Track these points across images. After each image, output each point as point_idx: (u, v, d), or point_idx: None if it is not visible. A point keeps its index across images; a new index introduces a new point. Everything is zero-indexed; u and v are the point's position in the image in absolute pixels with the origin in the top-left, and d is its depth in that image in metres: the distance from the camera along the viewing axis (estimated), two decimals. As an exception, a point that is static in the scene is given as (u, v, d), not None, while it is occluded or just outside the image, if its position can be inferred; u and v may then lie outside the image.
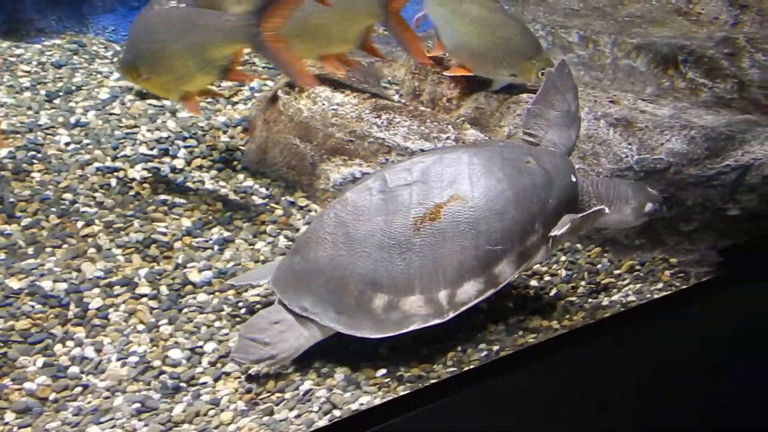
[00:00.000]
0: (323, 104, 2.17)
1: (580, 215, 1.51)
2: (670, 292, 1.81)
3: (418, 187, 1.46)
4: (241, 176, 2.17)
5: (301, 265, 1.49)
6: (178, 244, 1.84)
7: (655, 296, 1.79)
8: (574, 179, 1.58)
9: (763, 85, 1.92)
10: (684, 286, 1.83)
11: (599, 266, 1.88)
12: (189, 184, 2.09)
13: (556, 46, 2.37)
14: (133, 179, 2.05)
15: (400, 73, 2.53)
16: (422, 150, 1.99)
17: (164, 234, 1.85)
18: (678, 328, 1.69)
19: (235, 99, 2.52)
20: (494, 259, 1.45)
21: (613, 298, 1.78)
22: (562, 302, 1.74)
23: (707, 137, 1.75)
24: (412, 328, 1.43)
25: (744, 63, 1.99)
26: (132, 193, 2.00)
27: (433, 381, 1.51)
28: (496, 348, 1.60)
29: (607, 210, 1.55)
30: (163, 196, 2.00)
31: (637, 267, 1.87)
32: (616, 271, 1.87)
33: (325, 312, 1.43)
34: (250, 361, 1.44)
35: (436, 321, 1.44)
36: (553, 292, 1.78)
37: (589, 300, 1.77)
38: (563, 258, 1.89)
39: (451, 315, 1.44)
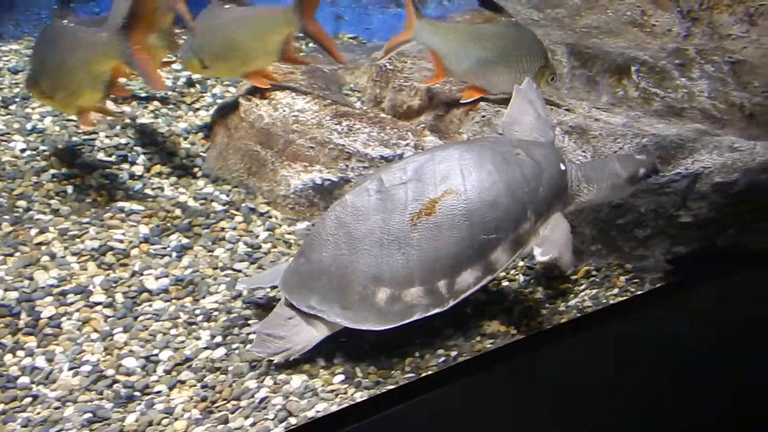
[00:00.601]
0: (284, 111, 2.17)
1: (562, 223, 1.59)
2: (625, 298, 1.85)
3: (413, 184, 1.52)
4: (201, 183, 2.15)
5: (306, 266, 1.56)
6: (135, 251, 1.82)
7: (611, 302, 1.82)
8: (563, 167, 1.64)
9: (712, 95, 1.98)
10: (639, 291, 1.87)
11: (556, 271, 1.91)
12: (148, 190, 2.06)
13: (517, 55, 2.40)
14: (90, 186, 2.02)
15: (362, 80, 2.54)
16: (382, 156, 2.00)
17: (121, 241, 1.83)
18: (633, 333, 1.73)
19: (196, 105, 2.50)
20: (489, 248, 1.52)
21: (570, 303, 1.81)
22: (519, 308, 1.77)
23: (658, 145, 1.80)
24: (414, 317, 1.50)
25: (694, 74, 2.05)
26: (89, 200, 1.97)
27: (390, 387, 1.52)
28: (453, 353, 1.62)
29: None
30: (120, 203, 1.98)
31: (593, 273, 1.90)
32: (573, 277, 1.90)
33: (331, 309, 1.50)
34: (268, 353, 1.51)
35: (437, 310, 1.51)
36: (511, 297, 1.80)
37: (547, 305, 1.79)
38: (521, 263, 1.91)
39: (452, 303, 1.51)
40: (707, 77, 2.01)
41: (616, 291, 1.86)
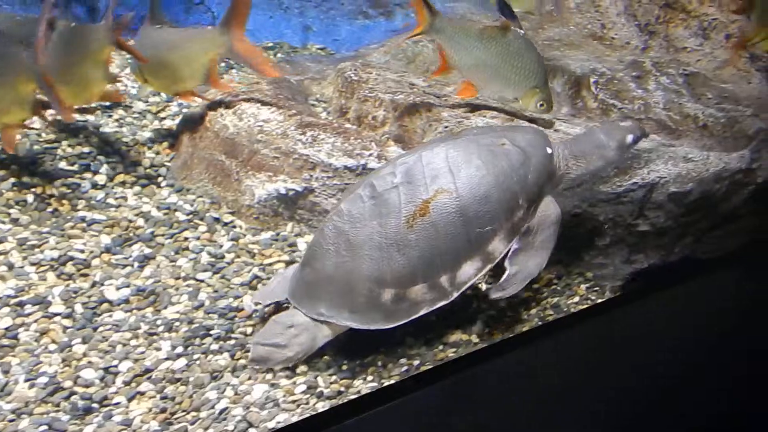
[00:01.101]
0: (249, 121, 2.17)
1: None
2: (586, 306, 1.88)
3: (404, 187, 1.57)
4: (165, 192, 2.14)
5: (312, 275, 1.60)
6: (96, 261, 1.80)
7: (572, 310, 1.85)
8: (549, 150, 1.68)
9: (667, 106, 2.03)
10: (599, 299, 1.90)
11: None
12: (110, 200, 2.04)
13: (480, 67, 2.44)
14: (52, 195, 1.99)
15: (329, 90, 2.55)
16: (346, 166, 2.01)
17: (82, 251, 1.81)
18: (594, 341, 1.76)
19: (162, 114, 2.49)
20: (486, 239, 1.58)
21: (532, 312, 1.83)
22: (482, 316, 1.78)
23: (616, 156, 1.83)
24: (421, 312, 1.56)
25: (650, 85, 2.10)
26: (49, 209, 1.95)
27: (352, 396, 1.52)
28: (416, 363, 1.63)
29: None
30: (82, 213, 1.96)
31: (555, 281, 1.93)
32: (535, 285, 1.92)
33: (339, 313, 1.55)
34: (269, 365, 1.54)
35: (443, 302, 1.57)
36: (474, 306, 1.82)
37: (509, 314, 1.82)
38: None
39: (455, 295, 1.58)
40: (662, 89, 2.06)
41: (577, 299, 1.89)
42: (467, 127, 2.01)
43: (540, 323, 1.78)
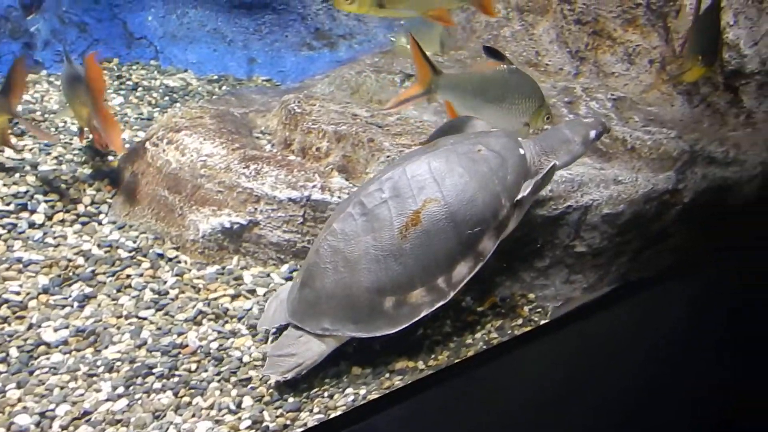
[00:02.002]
0: (192, 155, 2.17)
1: (536, 178, 1.73)
2: (529, 328, 1.91)
3: (393, 201, 1.64)
4: (106, 229, 2.11)
5: (312, 294, 1.66)
6: (32, 303, 1.76)
7: (516, 332, 1.88)
8: (522, 151, 1.77)
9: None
10: (542, 321, 1.94)
11: (463, 304, 1.96)
12: (49, 239, 2.01)
13: (421, 96, 2.49)
14: (-14, 237, 1.96)
15: (273, 123, 2.56)
16: (290, 198, 2.02)
17: (18, 293, 1.77)
18: (538, 363, 1.79)
19: (103, 151, 2.46)
20: (476, 240, 1.66)
21: (477, 335, 1.86)
22: (427, 342, 1.80)
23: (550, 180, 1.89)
24: (422, 314, 1.64)
25: (581, 110, 2.17)
26: (-17, 252, 1.91)
27: (299, 430, 1.51)
28: (362, 392, 1.63)
29: (557, 163, 1.77)
30: (18, 254, 1.92)
31: (499, 303, 1.96)
32: (480, 309, 1.95)
33: (344, 326, 1.62)
34: (281, 372, 1.59)
35: (442, 302, 1.65)
36: (419, 332, 1.83)
37: (454, 338, 1.83)
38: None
39: (452, 294, 1.66)
40: (592, 114, 2.14)
41: (520, 321, 1.92)
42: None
43: (485, 347, 1.80)
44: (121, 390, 1.56)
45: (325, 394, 1.62)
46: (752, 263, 1.87)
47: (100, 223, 2.13)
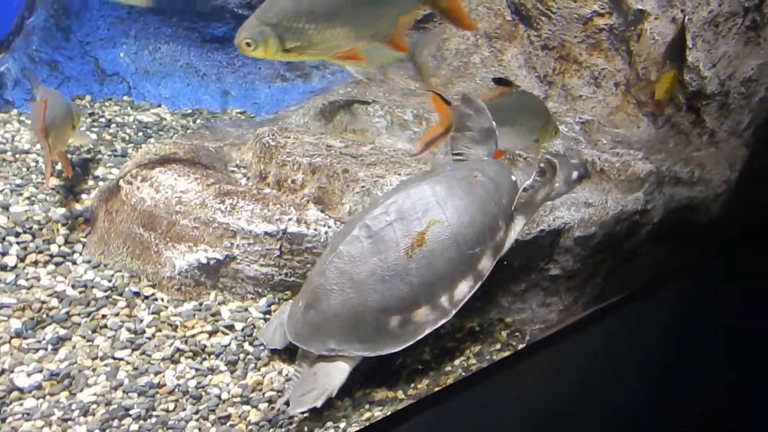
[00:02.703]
0: (167, 192, 2.16)
1: (526, 186, 1.78)
2: (508, 352, 1.92)
3: (398, 224, 1.70)
4: (81, 269, 2.09)
5: (318, 316, 1.70)
6: (5, 348, 1.74)
7: (495, 357, 1.89)
8: (513, 178, 1.86)
9: (566, 153, 2.13)
10: (520, 345, 1.95)
11: (442, 330, 1.96)
12: (21, 281, 1.99)
13: (394, 125, 2.52)
14: (-44, 282, 1.93)
15: (248, 156, 2.57)
16: (266, 232, 2.02)
17: (-11, 339, 1.75)
18: (518, 387, 1.79)
19: (77, 189, 2.45)
20: (476, 259, 1.72)
21: (456, 362, 1.86)
22: (407, 371, 1.80)
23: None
24: (426, 331, 1.69)
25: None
26: (-46, 297, 1.88)
27: (279, 466, 1.50)
28: (343, 425, 1.62)
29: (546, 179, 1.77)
30: (-10, 298, 1.90)
31: (477, 329, 1.97)
32: (458, 335, 1.96)
33: (350, 346, 1.67)
34: (309, 405, 1.60)
35: (444, 320, 1.71)
36: (398, 361, 1.83)
37: (433, 365, 1.84)
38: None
39: (454, 312, 1.72)
40: (561, 137, 2.18)
41: (499, 346, 1.93)
42: (437, 165, 2.09)
43: (464, 374, 1.80)
44: (97, 434, 1.54)
45: (305, 428, 1.61)
46: (723, 276, 1.90)
47: (74, 263, 2.11)
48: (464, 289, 1.72)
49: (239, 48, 1.83)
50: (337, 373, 1.66)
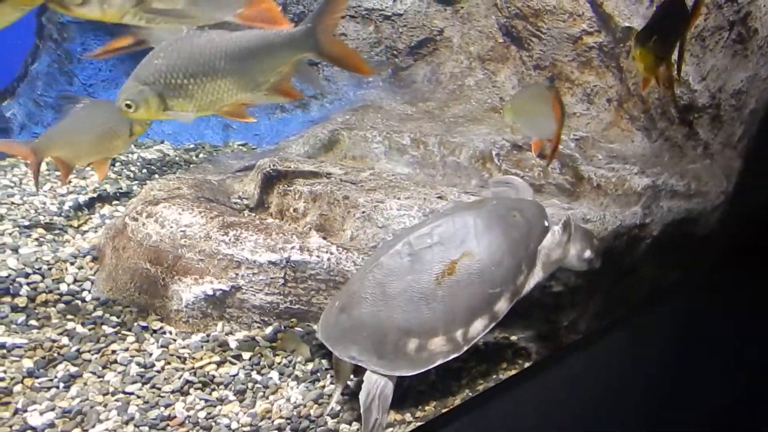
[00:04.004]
0: (171, 227, 2.20)
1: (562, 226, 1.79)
2: (514, 371, 1.93)
3: (437, 248, 1.73)
4: (90, 307, 2.12)
5: (348, 322, 1.73)
6: (17, 388, 1.76)
7: (501, 376, 1.90)
8: (546, 224, 1.86)
9: (563, 170, 2.16)
10: (527, 363, 1.95)
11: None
12: (32, 321, 2.02)
13: (393, 150, 2.56)
14: (-32, 325, 1.96)
15: (250, 187, 2.61)
16: (270, 261, 2.05)
17: (2, 379, 1.77)
18: (526, 404, 1.80)
19: (84, 228, 2.49)
20: (495, 299, 1.74)
21: (462, 382, 1.87)
22: (413, 393, 1.81)
23: (522, 223, 1.93)
24: (437, 362, 1.70)
25: (546, 152, 2.24)
26: (-34, 340, 1.91)
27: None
28: (352, 450, 1.63)
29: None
30: (2, 339, 1.92)
31: (482, 348, 1.98)
32: (463, 356, 1.96)
33: (369, 358, 1.69)
34: (376, 424, 1.65)
35: (455, 354, 1.72)
36: (405, 383, 1.84)
37: (440, 387, 1.85)
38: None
39: (465, 348, 1.73)
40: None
41: (505, 364, 1.94)
42: (483, 197, 2.08)
43: (471, 394, 1.81)
44: (109, 469, 1.55)
45: (315, 455, 1.62)
46: (725, 288, 1.90)
47: (83, 301, 2.14)
48: (479, 327, 1.72)
49: (120, 111, 1.81)
50: (384, 394, 1.68)
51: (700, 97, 2.19)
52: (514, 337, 2.00)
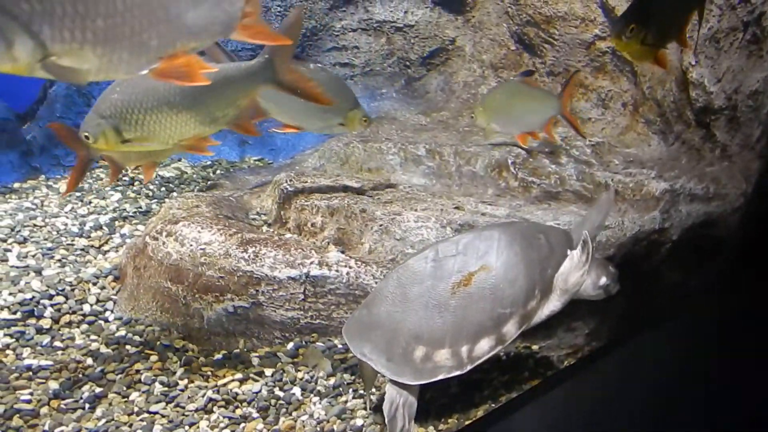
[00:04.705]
0: (191, 245, 2.21)
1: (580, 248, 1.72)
2: (536, 381, 1.91)
3: (460, 257, 1.71)
4: (113, 327, 2.15)
5: (367, 318, 1.73)
6: (44, 410, 1.78)
7: (523, 386, 1.89)
8: (569, 252, 1.77)
9: (580, 177, 2.15)
10: (549, 372, 1.94)
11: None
12: (57, 342, 2.04)
13: (408, 161, 2.56)
14: (-5, 348, 1.99)
15: (268, 203, 2.63)
16: (290, 277, 2.06)
17: (29, 401, 1.79)
18: (550, 414, 1.78)
19: (105, 248, 2.52)
20: (504, 320, 1.69)
21: (485, 393, 1.86)
22: (435, 405, 1.80)
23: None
24: (439, 377, 1.66)
25: (562, 159, 2.23)
26: (-7, 363, 1.94)
27: None
28: (376, 464, 1.63)
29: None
30: (27, 361, 1.95)
31: (503, 358, 1.97)
32: (485, 366, 1.95)
33: (378, 359, 1.67)
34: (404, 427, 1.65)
35: (457, 372, 1.67)
36: (428, 396, 1.84)
37: (462, 398, 1.84)
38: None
39: (469, 368, 1.67)
40: (574, 161, 2.20)
41: (527, 374, 1.93)
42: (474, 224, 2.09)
43: (493, 405, 1.80)
44: (136, 489, 1.56)
45: (339, 471, 1.62)
46: (747, 291, 1.88)
47: (106, 321, 2.17)
48: (484, 347, 1.68)
49: (82, 141, 1.84)
50: (409, 400, 1.67)
51: (716, 99, 2.17)
52: (535, 347, 1.99)
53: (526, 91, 2.25)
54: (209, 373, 1.96)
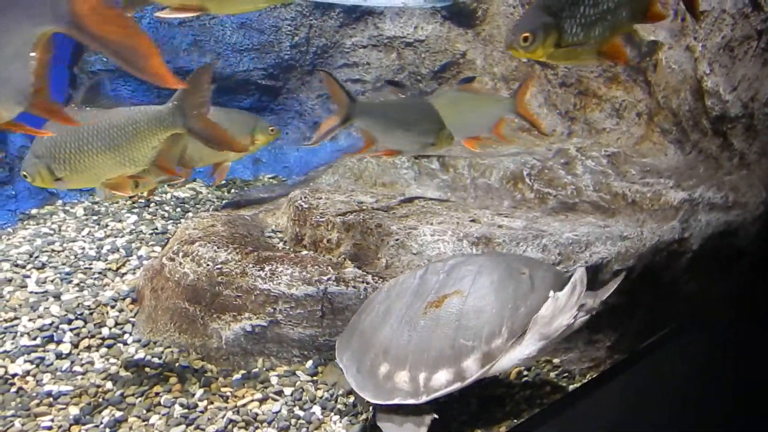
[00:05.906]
0: (208, 265, 2.22)
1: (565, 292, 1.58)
2: (559, 395, 1.89)
3: (442, 278, 1.68)
4: (132, 349, 2.15)
5: (354, 325, 1.75)
6: (65, 436, 1.79)
7: (545, 400, 1.86)
8: (551, 294, 1.62)
9: (596, 188, 2.14)
10: (571, 385, 1.92)
11: (485, 380, 1.94)
12: (77, 367, 2.05)
13: (422, 174, 2.56)
14: (15, 374, 1.99)
15: (283, 220, 2.63)
16: (307, 295, 2.06)
17: (50, 428, 1.79)
18: (571, 431, 1.76)
19: (123, 270, 2.53)
20: (464, 353, 1.59)
21: (507, 409, 1.84)
22: (455, 423, 1.78)
23: (557, 243, 1.91)
24: (395, 401, 1.60)
25: (578, 170, 2.22)
26: (13, 389, 1.94)
27: None
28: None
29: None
30: (48, 387, 1.95)
31: (525, 373, 1.95)
32: (507, 380, 1.94)
33: (350, 369, 1.67)
34: None
35: (412, 401, 1.59)
36: (448, 413, 1.82)
37: (483, 416, 1.82)
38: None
39: (424, 399, 1.59)
40: (590, 172, 2.18)
41: (549, 388, 1.91)
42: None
43: (515, 421, 1.78)
44: None
45: (362, 491, 1.61)
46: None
47: (125, 344, 2.17)
48: (441, 380, 1.58)
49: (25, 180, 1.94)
50: (417, 420, 1.62)
51: (732, 108, 2.15)
52: (556, 360, 1.97)
53: (470, 97, 2.27)
54: (228, 393, 1.95)
